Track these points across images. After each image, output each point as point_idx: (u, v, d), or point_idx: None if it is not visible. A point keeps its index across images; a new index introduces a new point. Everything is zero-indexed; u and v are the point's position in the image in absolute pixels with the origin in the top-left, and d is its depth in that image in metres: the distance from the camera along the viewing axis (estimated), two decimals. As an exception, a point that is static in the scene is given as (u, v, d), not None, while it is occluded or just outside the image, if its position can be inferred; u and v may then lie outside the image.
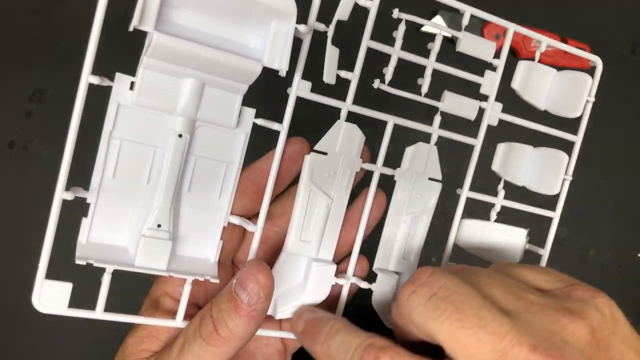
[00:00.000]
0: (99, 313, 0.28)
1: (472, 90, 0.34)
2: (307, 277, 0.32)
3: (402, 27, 0.31)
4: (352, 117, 0.31)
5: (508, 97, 0.35)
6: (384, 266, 0.34)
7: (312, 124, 0.31)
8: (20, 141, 0.45)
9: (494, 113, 0.34)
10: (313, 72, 0.30)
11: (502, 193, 0.36)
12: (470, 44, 0.33)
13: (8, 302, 0.45)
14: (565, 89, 0.35)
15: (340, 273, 0.33)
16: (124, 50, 0.32)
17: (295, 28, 0.28)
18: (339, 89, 0.31)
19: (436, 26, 0.32)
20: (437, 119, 0.34)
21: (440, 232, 0.36)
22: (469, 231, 0.36)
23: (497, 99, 0.34)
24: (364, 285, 0.33)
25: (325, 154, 0.31)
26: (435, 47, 0.33)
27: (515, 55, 0.31)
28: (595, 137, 0.36)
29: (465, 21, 0.32)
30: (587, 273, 0.38)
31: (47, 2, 0.46)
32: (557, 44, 0.35)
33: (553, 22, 0.54)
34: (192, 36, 0.27)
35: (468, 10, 0.32)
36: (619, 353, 0.24)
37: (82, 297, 0.28)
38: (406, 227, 0.34)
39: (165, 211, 0.29)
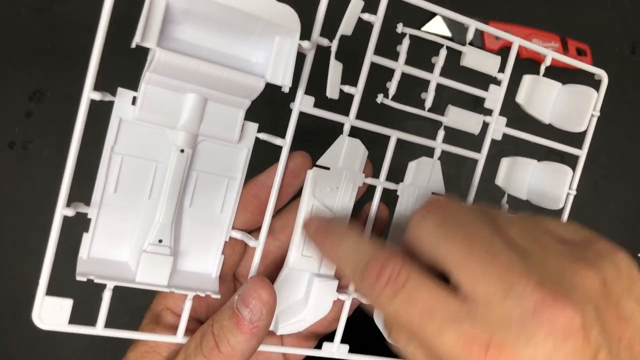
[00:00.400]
0: (100, 329, 0.28)
1: (476, 100, 0.34)
2: (309, 293, 0.32)
3: (405, 42, 0.31)
4: (355, 131, 0.31)
5: (511, 110, 0.35)
6: (386, 281, 0.34)
7: (315, 138, 0.31)
8: (20, 141, 0.45)
9: (498, 127, 0.34)
10: (316, 85, 0.30)
11: (505, 207, 0.35)
12: (474, 58, 0.33)
13: (8, 302, 0.45)
14: (571, 103, 0.35)
15: (341, 289, 0.33)
16: (125, 64, 0.32)
17: (299, 43, 0.27)
18: (343, 103, 0.31)
19: (437, 34, 0.32)
20: (441, 133, 0.33)
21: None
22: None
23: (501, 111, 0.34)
24: (365, 300, 0.33)
25: (328, 168, 0.31)
26: (440, 61, 0.32)
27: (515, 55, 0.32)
28: (595, 137, 0.36)
29: (470, 35, 0.32)
30: None
31: (47, 2, 0.46)
32: (562, 58, 0.35)
33: (553, 22, 0.53)
34: (195, 52, 0.27)
35: (472, 25, 0.32)
36: (630, 310, 0.23)
37: (84, 309, 0.28)
38: (409, 242, 0.34)
39: (166, 226, 0.29)
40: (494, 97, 0.34)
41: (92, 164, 0.28)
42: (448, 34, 0.31)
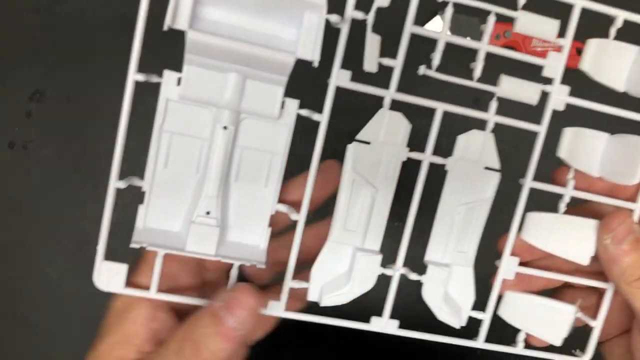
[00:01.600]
0: (153, 293, 0.31)
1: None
2: (352, 267, 0.32)
3: (449, 10, 0.30)
4: (394, 106, 0.31)
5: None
6: (435, 258, 0.33)
7: (353, 112, 0.31)
8: (20, 141, 0.46)
9: (560, 97, 0.32)
10: (356, 60, 0.30)
11: (571, 183, 0.33)
12: (529, 23, 0.31)
13: (8, 302, 0.46)
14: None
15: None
16: (165, 48, 0.34)
17: (328, 18, 0.28)
18: (380, 77, 0.30)
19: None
20: (494, 104, 0.32)
21: (499, 225, 0.34)
22: (536, 225, 0.33)
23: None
24: (413, 276, 0.33)
25: (369, 143, 0.31)
26: (488, 28, 0.31)
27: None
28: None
29: (489, 27, 0.30)
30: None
31: (47, 2, 0.47)
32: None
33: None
34: (226, 31, 0.28)
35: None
36: None
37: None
38: (460, 219, 0.33)
39: (213, 199, 0.31)
40: (554, 63, 0.31)
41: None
42: (448, 33, 0.30)
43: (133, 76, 0.28)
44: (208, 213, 0.31)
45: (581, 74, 0.32)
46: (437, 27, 0.45)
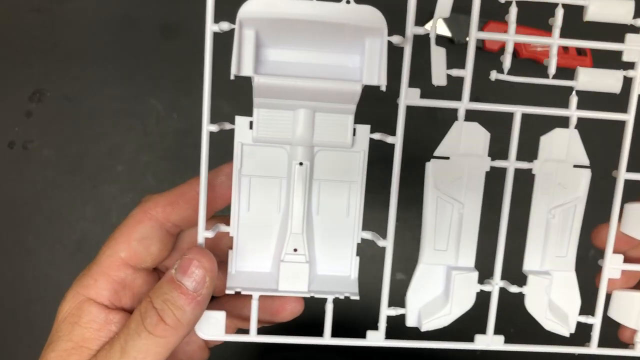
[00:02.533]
0: (253, 336, 0.31)
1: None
2: (448, 287, 0.31)
3: (513, 10, 0.29)
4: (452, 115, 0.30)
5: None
6: (534, 267, 0.32)
7: (414, 128, 0.30)
8: (20, 141, 0.46)
9: (646, 80, 0.30)
10: (418, 74, 0.29)
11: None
12: (600, 9, 0.29)
13: (8, 302, 0.46)
14: None
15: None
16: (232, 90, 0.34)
17: (390, 40, 0.27)
18: (443, 89, 0.29)
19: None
20: (574, 99, 0.30)
21: (593, 221, 0.32)
22: (636, 216, 0.31)
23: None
24: (513, 289, 0.31)
25: (448, 158, 0.30)
26: (557, 21, 0.29)
27: (515, 56, 0.28)
28: (594, 137, 0.30)
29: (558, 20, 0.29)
30: (587, 273, 0.32)
31: (47, 2, 0.47)
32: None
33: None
34: (290, 70, 0.28)
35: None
36: None
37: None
38: (556, 223, 0.31)
39: (298, 236, 0.31)
40: (635, 47, 0.29)
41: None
42: (448, 33, 0.29)
43: (207, 127, 0.28)
44: (295, 250, 0.31)
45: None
46: (438, 26, 0.43)
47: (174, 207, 0.31)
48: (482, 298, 0.32)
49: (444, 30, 0.30)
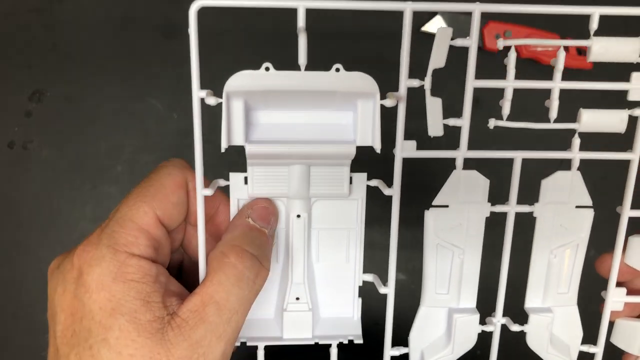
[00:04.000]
0: (260, 382, 0.32)
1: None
2: (450, 328, 0.31)
3: (512, 55, 0.28)
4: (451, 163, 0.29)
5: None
6: (536, 304, 0.32)
7: (417, 179, 0.29)
8: (20, 141, 0.46)
9: (651, 118, 0.29)
10: (414, 122, 0.29)
11: (678, 206, 0.30)
12: (605, 49, 0.27)
13: (8, 302, 0.47)
14: None
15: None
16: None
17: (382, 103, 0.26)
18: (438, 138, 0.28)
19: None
20: (577, 141, 0.29)
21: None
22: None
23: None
24: (515, 328, 0.32)
25: (447, 206, 0.30)
26: (559, 64, 0.28)
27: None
28: (594, 137, 0.29)
29: (560, 63, 0.27)
30: (587, 273, 0.32)
31: (47, 2, 0.46)
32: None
33: (553, 21, 0.44)
34: (283, 132, 0.27)
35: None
36: None
37: None
38: (558, 262, 0.31)
39: (300, 285, 0.31)
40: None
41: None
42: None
43: (202, 192, 0.28)
44: (298, 299, 0.31)
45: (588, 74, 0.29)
46: (438, 27, 0.41)
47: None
48: (484, 334, 0.32)
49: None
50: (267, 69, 0.25)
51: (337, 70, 0.25)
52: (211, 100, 0.25)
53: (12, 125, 0.47)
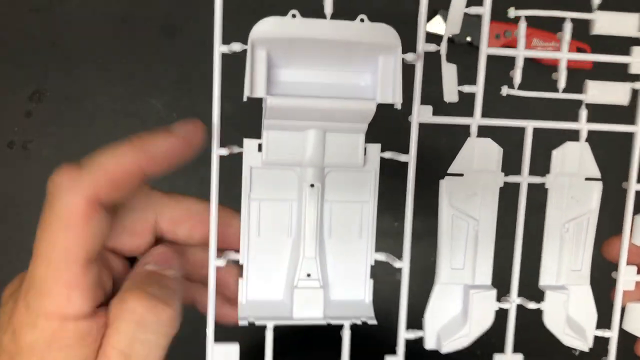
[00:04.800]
0: (268, 366, 0.29)
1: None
2: (466, 306, 0.30)
3: (523, 26, 0.29)
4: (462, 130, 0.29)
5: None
6: (550, 282, 0.31)
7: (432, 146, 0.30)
8: (20, 141, 0.46)
9: (652, 92, 0.30)
10: (427, 90, 0.29)
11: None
12: (607, 23, 0.29)
13: None
14: None
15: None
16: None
17: (403, 57, 0.27)
18: (454, 104, 0.29)
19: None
20: (584, 112, 0.30)
21: (602, 233, 0.32)
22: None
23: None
24: (531, 305, 0.31)
25: (461, 175, 0.30)
26: (566, 35, 0.29)
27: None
28: (593, 138, 0.31)
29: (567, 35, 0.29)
30: (595, 266, 0.33)
31: (47, 2, 0.47)
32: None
33: (553, 21, 0.48)
34: (304, 90, 0.27)
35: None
36: None
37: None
38: (570, 237, 0.31)
39: (311, 260, 0.30)
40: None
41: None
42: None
43: (217, 151, 0.27)
44: (309, 275, 0.30)
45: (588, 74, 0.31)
46: (438, 26, 0.43)
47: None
48: (498, 317, 0.31)
49: (444, 30, 0.29)
50: (293, 15, 0.25)
51: (362, 20, 0.26)
52: (236, 47, 0.25)
53: (12, 125, 0.47)
